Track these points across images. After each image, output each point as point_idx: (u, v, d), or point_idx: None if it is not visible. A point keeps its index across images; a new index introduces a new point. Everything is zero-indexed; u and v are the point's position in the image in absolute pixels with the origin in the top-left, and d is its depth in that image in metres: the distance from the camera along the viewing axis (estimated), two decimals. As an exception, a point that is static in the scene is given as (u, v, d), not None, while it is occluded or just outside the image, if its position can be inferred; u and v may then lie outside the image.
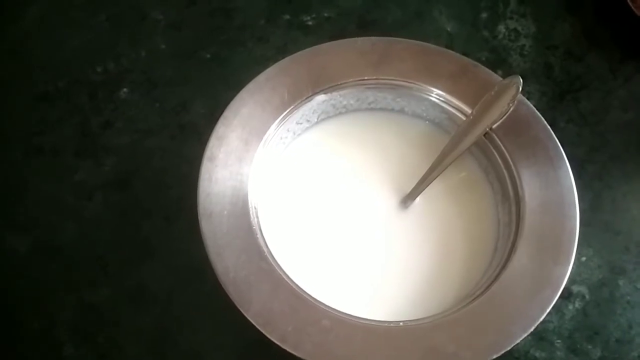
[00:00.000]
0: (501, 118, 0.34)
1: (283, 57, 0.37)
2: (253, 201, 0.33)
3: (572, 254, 0.31)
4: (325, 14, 0.48)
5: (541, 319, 0.29)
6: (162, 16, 0.47)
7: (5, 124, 0.43)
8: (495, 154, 0.35)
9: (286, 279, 0.31)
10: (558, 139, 0.35)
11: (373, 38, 0.38)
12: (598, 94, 0.45)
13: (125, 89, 0.44)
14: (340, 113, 0.38)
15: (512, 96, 0.33)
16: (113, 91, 0.44)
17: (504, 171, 0.35)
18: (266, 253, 0.31)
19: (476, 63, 0.37)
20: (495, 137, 0.35)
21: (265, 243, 0.32)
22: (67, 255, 0.38)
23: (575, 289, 0.38)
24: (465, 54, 0.39)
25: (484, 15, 0.48)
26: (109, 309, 0.37)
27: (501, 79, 0.36)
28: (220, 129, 0.34)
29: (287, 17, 0.47)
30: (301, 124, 0.37)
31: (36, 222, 0.39)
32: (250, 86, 0.35)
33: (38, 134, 0.42)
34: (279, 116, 0.35)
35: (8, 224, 0.39)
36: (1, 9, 0.48)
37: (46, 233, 0.39)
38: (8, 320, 0.37)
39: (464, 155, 0.35)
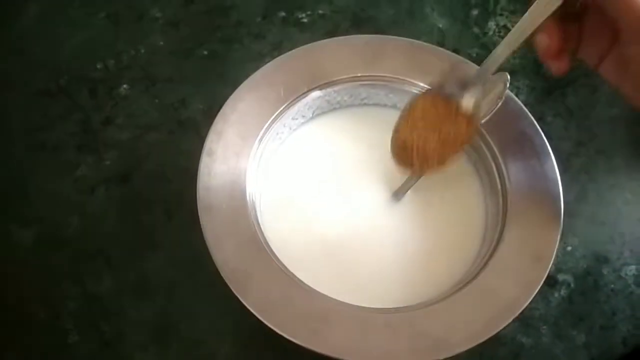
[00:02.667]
0: (490, 113, 0.35)
1: (279, 54, 0.38)
2: (251, 194, 0.34)
3: (555, 244, 0.32)
4: (320, 11, 0.49)
5: (526, 304, 0.31)
6: (160, 14, 0.48)
7: (7, 120, 0.44)
8: (484, 148, 0.36)
9: (283, 269, 0.32)
10: (546, 133, 0.36)
11: (366, 36, 0.39)
12: (585, 90, 0.46)
13: (125, 86, 0.45)
14: (335, 109, 0.39)
15: (500, 92, 0.35)
16: (113, 88, 0.45)
17: (492, 165, 0.36)
18: (263, 244, 0.32)
19: (466, 60, 0.38)
20: (484, 132, 0.36)
21: (263, 235, 0.33)
22: (71, 248, 0.39)
23: (561, 277, 0.39)
24: (456, 50, 0.40)
25: (475, 12, 0.49)
26: (112, 299, 0.38)
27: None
28: (218, 124, 0.35)
29: (283, 14, 0.48)
30: (297, 119, 0.38)
31: (40, 216, 0.40)
32: (247, 83, 0.36)
33: (40, 131, 0.43)
34: (275, 112, 0.36)
35: (13, 218, 0.40)
36: (0, 6, 0.49)
37: (50, 226, 0.40)
38: (15, 310, 0.38)
39: (454, 149, 0.36)
